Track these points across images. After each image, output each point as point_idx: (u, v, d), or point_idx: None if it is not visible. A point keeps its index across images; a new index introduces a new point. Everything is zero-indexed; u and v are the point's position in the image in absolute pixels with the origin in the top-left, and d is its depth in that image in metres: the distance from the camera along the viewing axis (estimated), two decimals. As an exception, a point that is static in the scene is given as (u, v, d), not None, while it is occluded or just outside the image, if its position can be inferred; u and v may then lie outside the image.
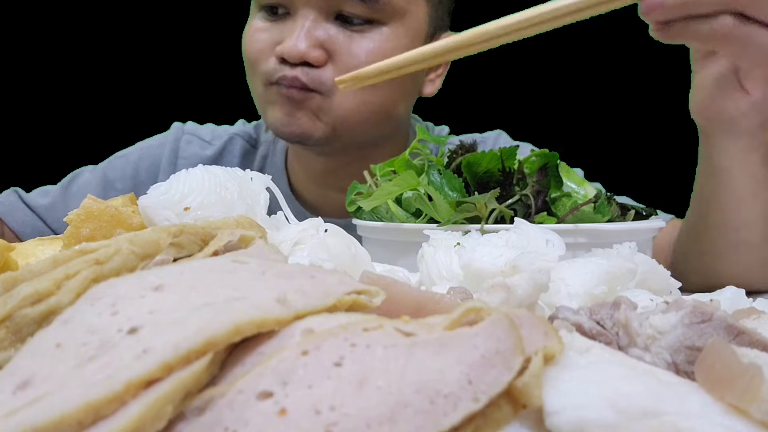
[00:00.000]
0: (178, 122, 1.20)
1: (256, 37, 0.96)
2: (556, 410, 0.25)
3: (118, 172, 1.15)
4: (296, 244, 0.50)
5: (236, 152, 1.16)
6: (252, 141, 1.18)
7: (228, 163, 1.14)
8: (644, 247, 0.67)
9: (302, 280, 0.32)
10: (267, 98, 0.96)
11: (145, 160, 1.16)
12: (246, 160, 1.16)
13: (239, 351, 0.28)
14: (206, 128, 1.19)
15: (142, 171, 1.15)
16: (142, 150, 1.17)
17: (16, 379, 0.26)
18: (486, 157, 0.71)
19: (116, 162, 1.17)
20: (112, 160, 1.17)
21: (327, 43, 0.92)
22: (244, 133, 1.18)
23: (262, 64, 0.95)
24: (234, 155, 1.16)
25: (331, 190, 1.07)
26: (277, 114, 0.95)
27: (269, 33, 0.95)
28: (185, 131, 1.17)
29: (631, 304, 0.35)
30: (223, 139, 1.16)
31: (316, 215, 1.08)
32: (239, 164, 1.15)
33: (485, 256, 0.48)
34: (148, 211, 0.49)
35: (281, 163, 1.13)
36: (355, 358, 0.26)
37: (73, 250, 0.35)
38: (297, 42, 0.90)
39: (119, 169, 1.16)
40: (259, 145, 1.18)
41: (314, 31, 0.91)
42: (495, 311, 0.28)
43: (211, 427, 0.23)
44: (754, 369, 0.25)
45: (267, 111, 0.97)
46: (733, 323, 0.32)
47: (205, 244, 0.40)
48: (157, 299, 0.30)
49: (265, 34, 0.95)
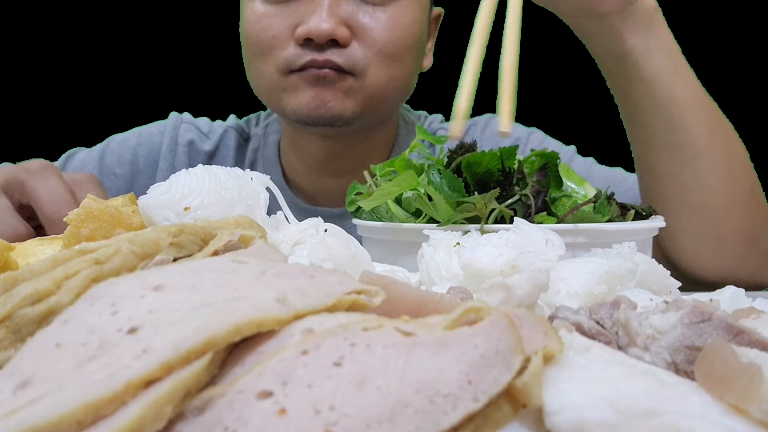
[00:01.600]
0: (175, 112, 1.21)
1: (266, 22, 0.92)
2: (556, 410, 0.25)
3: (115, 156, 1.15)
4: (296, 244, 0.50)
5: (231, 145, 1.16)
6: (244, 135, 1.18)
7: (224, 156, 1.15)
8: (644, 246, 0.67)
9: (302, 279, 0.32)
10: (285, 86, 0.93)
11: (144, 147, 1.16)
12: (239, 153, 1.16)
13: (239, 351, 0.28)
14: (202, 120, 1.20)
15: (140, 157, 1.15)
16: (140, 136, 1.17)
17: (15, 379, 0.26)
18: (486, 157, 0.71)
19: (114, 146, 1.16)
20: (109, 144, 1.17)
21: (350, 20, 0.90)
22: (237, 127, 1.18)
23: (280, 51, 0.92)
24: (229, 148, 1.16)
25: (329, 176, 1.07)
26: (302, 99, 0.92)
27: (282, 17, 0.91)
28: (183, 120, 1.18)
29: (630, 304, 0.35)
30: (218, 132, 1.16)
31: (313, 204, 1.10)
32: (234, 157, 1.15)
33: (485, 255, 0.48)
34: (148, 211, 0.49)
35: (274, 156, 1.13)
36: (355, 358, 0.26)
37: (72, 250, 0.35)
38: (321, 21, 0.87)
39: (117, 153, 1.15)
40: (251, 139, 1.18)
41: (336, 9, 0.89)
42: (494, 311, 0.28)
43: (210, 427, 0.23)
44: (753, 368, 0.25)
45: (285, 98, 0.94)
46: (732, 323, 0.32)
47: (205, 244, 0.40)
48: (157, 299, 0.30)
49: (277, 18, 0.91)
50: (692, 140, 0.80)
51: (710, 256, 0.82)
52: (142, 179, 1.14)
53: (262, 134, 1.16)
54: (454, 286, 0.44)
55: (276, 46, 0.92)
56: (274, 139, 1.14)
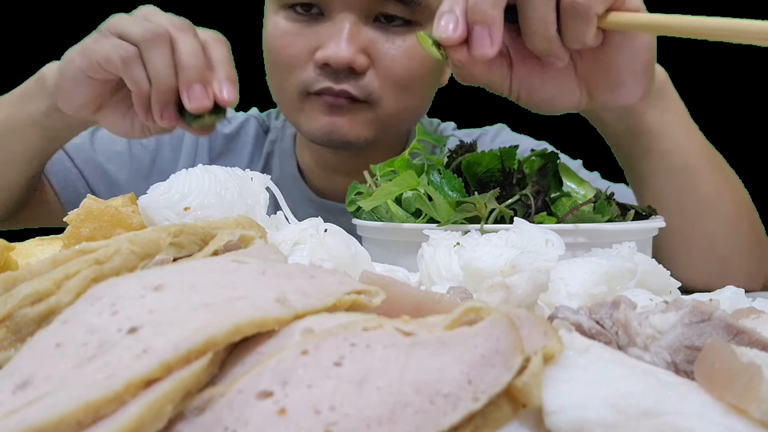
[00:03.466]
0: None
1: (286, 40, 0.92)
2: (556, 410, 0.25)
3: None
4: (296, 244, 0.50)
5: (251, 133, 1.18)
6: (264, 126, 1.20)
7: (243, 142, 1.18)
8: (644, 246, 0.67)
9: (302, 280, 0.32)
10: (302, 107, 0.94)
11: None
12: (257, 143, 1.19)
13: (239, 351, 0.28)
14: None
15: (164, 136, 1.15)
16: None
17: (15, 379, 0.26)
18: (486, 157, 0.71)
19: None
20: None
21: (369, 48, 0.90)
22: (259, 117, 1.21)
23: (298, 72, 0.92)
24: (249, 135, 1.18)
25: (337, 174, 1.09)
26: (316, 124, 0.93)
27: (303, 36, 0.91)
28: None
29: (630, 304, 0.35)
30: (240, 120, 1.19)
31: (322, 198, 1.12)
32: (252, 145, 1.18)
33: (485, 255, 0.48)
34: (148, 211, 0.49)
35: (290, 148, 1.15)
36: (355, 358, 0.26)
37: (72, 250, 0.35)
38: (340, 48, 0.87)
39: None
40: (270, 131, 1.20)
41: (356, 36, 0.89)
42: (494, 311, 0.28)
43: (210, 427, 0.23)
44: (753, 368, 0.25)
45: (301, 118, 0.95)
46: (732, 323, 0.32)
47: (205, 244, 0.40)
48: (157, 299, 0.30)
49: (299, 37, 0.91)
50: (702, 199, 0.80)
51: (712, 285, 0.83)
52: (165, 152, 1.15)
53: (281, 127, 1.18)
54: (454, 286, 0.44)
55: (295, 65, 0.92)
56: (291, 132, 1.16)
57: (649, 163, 0.80)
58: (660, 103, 0.76)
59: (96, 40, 0.74)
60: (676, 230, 0.81)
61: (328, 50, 0.88)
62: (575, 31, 0.63)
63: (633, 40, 0.68)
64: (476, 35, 0.62)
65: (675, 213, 0.80)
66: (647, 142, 0.78)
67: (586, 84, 0.72)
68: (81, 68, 0.74)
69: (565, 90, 0.71)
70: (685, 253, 0.82)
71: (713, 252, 0.82)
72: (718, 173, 0.81)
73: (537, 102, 0.72)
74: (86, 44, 0.74)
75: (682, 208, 0.80)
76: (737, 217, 0.82)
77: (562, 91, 0.71)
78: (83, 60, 0.73)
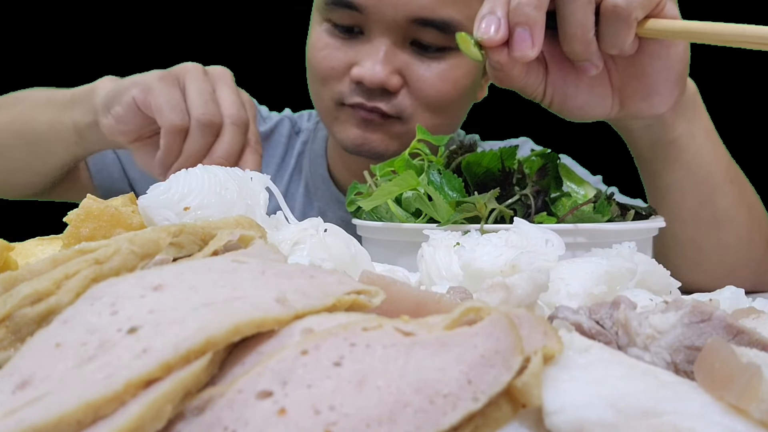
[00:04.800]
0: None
1: (327, 53, 0.96)
2: (556, 410, 0.25)
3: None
4: (296, 244, 0.50)
5: (284, 133, 1.22)
6: (296, 128, 1.24)
7: (275, 142, 1.22)
8: (644, 246, 0.67)
9: (302, 280, 0.32)
10: (337, 116, 0.97)
11: None
12: (290, 143, 1.22)
13: (239, 351, 0.28)
14: (263, 107, 1.27)
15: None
16: None
17: (15, 378, 0.26)
18: (486, 157, 0.71)
19: None
20: None
21: (403, 70, 0.93)
22: (292, 118, 1.25)
23: (335, 83, 0.96)
24: (282, 135, 1.22)
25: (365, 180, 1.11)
26: (349, 134, 0.97)
27: (343, 51, 0.94)
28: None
29: (630, 304, 0.35)
30: (275, 120, 1.23)
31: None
32: (284, 145, 1.22)
33: (485, 255, 0.48)
34: (148, 211, 0.49)
35: (321, 150, 1.18)
36: (355, 358, 0.26)
37: (72, 250, 0.35)
38: (375, 70, 0.90)
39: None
40: (301, 132, 1.24)
41: (392, 57, 0.91)
42: (494, 311, 0.28)
43: (210, 427, 0.23)
44: (753, 368, 0.25)
45: (336, 127, 0.99)
46: (732, 323, 0.32)
47: (204, 243, 0.40)
48: (157, 299, 0.30)
49: (339, 52, 0.95)
50: (720, 212, 0.81)
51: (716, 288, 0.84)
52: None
53: (313, 129, 1.22)
54: (454, 286, 0.44)
55: (333, 77, 0.96)
56: (323, 134, 1.18)
57: (671, 174, 0.80)
58: (689, 113, 0.76)
59: (160, 78, 0.76)
60: (689, 240, 0.82)
61: (364, 69, 0.91)
62: (614, 35, 0.63)
63: (669, 48, 0.68)
64: (518, 37, 0.63)
65: (691, 224, 0.80)
66: (673, 152, 0.78)
67: (620, 92, 0.72)
68: (135, 100, 0.76)
69: (598, 98, 0.72)
70: (696, 262, 0.83)
71: (723, 262, 0.83)
72: (737, 188, 0.82)
73: (569, 109, 0.73)
74: (148, 81, 0.76)
75: (698, 219, 0.81)
76: (751, 231, 0.83)
77: (595, 98, 0.72)
78: (140, 95, 0.76)
